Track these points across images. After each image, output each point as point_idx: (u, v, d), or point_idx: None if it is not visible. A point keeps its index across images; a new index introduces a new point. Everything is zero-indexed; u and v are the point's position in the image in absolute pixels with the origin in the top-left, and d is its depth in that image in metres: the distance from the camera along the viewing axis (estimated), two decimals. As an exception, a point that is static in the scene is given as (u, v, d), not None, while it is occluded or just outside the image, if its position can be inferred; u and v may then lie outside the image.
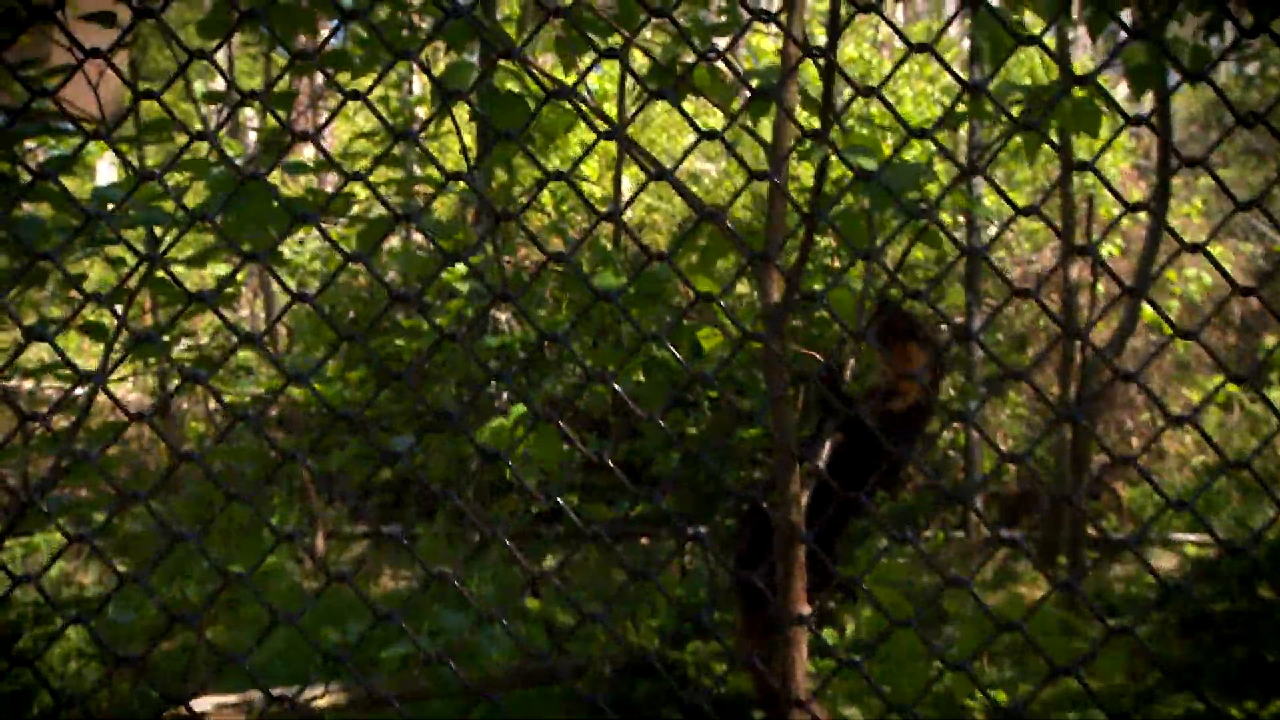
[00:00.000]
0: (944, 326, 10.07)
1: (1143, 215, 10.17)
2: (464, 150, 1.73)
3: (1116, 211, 10.09)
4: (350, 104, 1.38)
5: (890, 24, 1.48)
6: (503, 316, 8.07)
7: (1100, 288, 9.89)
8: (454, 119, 1.80)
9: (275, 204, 2.71)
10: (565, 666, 4.86)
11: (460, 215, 8.40)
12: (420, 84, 9.60)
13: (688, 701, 1.41)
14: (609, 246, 9.55)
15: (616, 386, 1.53)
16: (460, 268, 5.23)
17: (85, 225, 1.43)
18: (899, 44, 13.28)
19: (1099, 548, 8.37)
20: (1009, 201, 1.45)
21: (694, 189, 10.78)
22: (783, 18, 2.69)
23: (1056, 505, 7.88)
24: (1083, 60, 11.95)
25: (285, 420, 8.63)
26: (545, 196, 9.69)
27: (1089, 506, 8.94)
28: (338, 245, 1.53)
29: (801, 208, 1.94)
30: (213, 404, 9.00)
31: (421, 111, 7.19)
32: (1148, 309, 9.73)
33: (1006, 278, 1.53)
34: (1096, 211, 9.37)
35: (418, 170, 6.80)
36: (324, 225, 3.94)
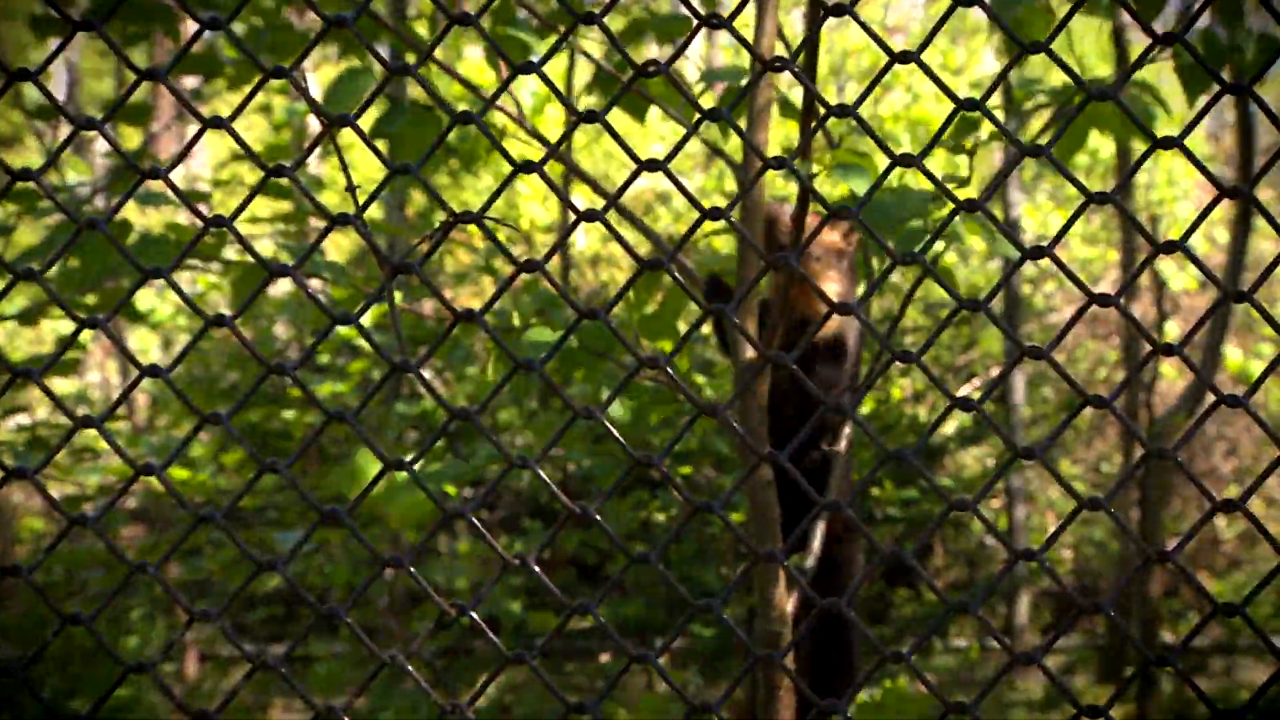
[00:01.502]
0: (976, 382, 10.18)
1: (1220, 238, 10.33)
2: (351, 190, 1.76)
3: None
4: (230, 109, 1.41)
5: (865, 27, 1.55)
6: (426, 374, 8.10)
7: (1171, 327, 10.02)
8: (338, 150, 1.82)
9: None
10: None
11: (365, 251, 8.45)
12: (318, 82, 9.69)
13: None
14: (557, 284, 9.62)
15: (541, 473, 1.58)
16: (368, 318, 5.28)
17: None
18: (917, 27, 13.49)
19: (1177, 656, 8.44)
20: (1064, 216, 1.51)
21: (662, 214, 10.88)
22: (742, 20, 2.77)
23: (1124, 596, 7.93)
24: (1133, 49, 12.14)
25: (146, 513, 8.62)
26: (473, 225, 9.75)
27: (1163, 605, 9.01)
28: (195, 306, 1.58)
29: (763, 252, 2.04)
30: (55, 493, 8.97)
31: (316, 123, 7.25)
32: (1230, 357, 9.85)
33: (1018, 340, 1.60)
34: (1161, 233, 9.51)
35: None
36: (194, 264, 3.98)
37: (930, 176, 1.54)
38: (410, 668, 1.56)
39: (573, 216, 1.72)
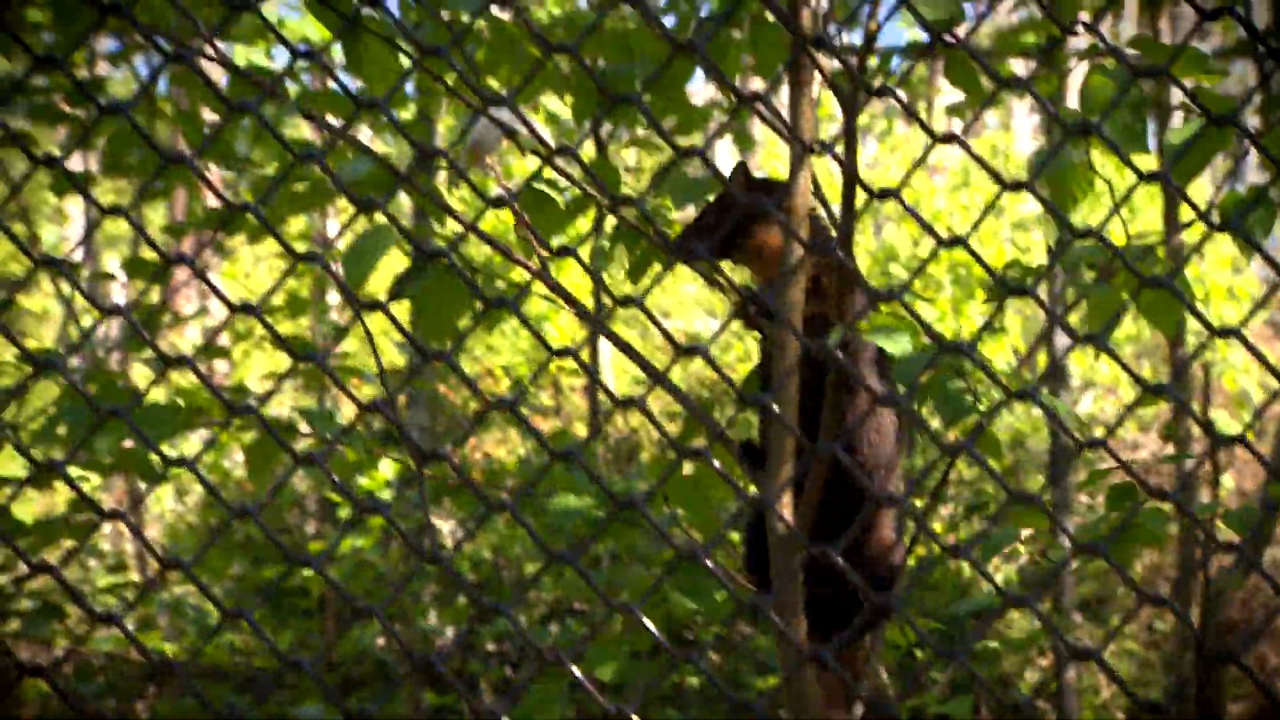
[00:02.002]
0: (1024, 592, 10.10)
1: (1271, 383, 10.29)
2: (383, 376, 1.76)
3: (1242, 380, 10.23)
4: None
5: (906, 107, 1.57)
6: (444, 527, 8.10)
7: (1228, 481, 9.96)
8: (369, 334, 1.83)
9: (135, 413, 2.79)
10: None
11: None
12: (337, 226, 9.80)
13: None
14: (582, 432, 9.64)
15: (576, 670, 1.57)
16: (383, 474, 5.29)
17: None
18: (956, 163, 13.56)
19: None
20: (1132, 375, 1.51)
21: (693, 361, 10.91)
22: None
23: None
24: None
25: (155, 673, 8.58)
26: (519, 363, 9.82)
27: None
28: (217, 494, 1.58)
29: (798, 435, 2.05)
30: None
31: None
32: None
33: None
34: (1216, 381, 9.50)
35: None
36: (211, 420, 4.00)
37: (968, 354, 1.54)
38: None
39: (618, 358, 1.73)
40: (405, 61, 2.70)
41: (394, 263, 3.31)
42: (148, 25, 3.03)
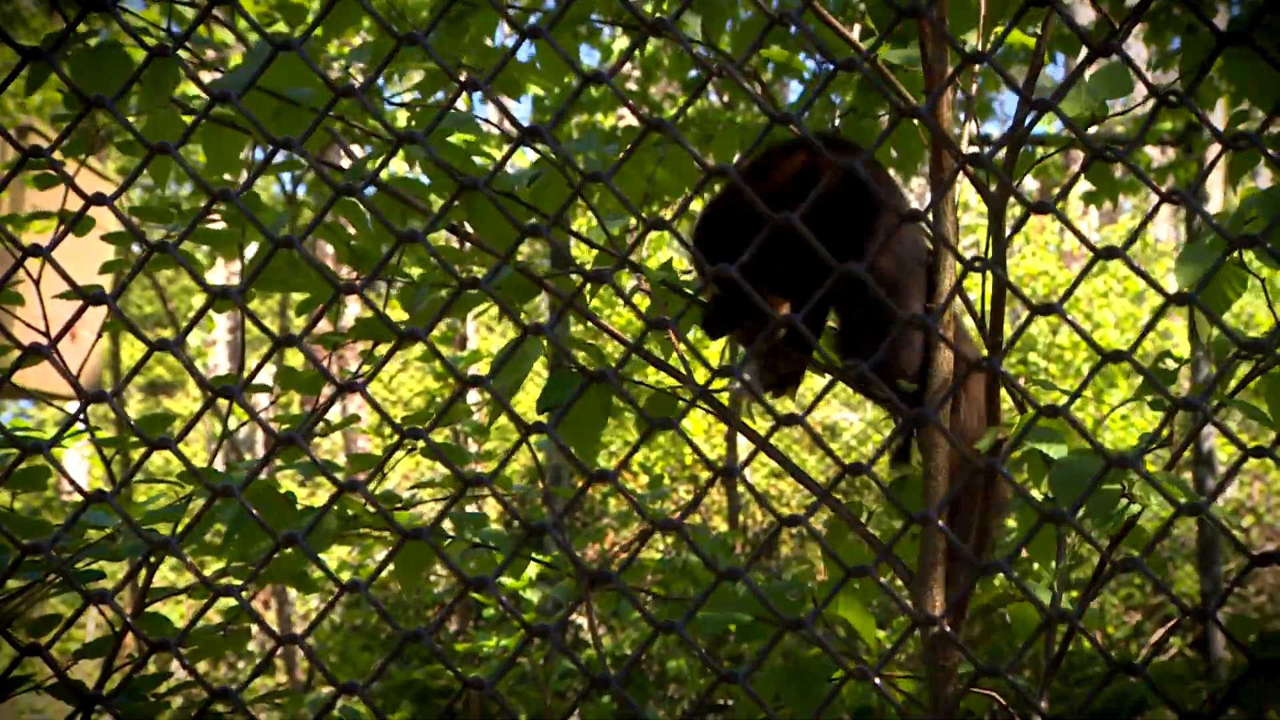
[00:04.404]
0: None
1: None
2: (548, 498, 1.74)
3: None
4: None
5: (1066, 222, 1.56)
6: (583, 622, 8.10)
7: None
8: (529, 443, 1.85)
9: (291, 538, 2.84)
10: None
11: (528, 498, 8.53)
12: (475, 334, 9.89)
13: None
14: (724, 531, 9.59)
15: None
16: (530, 571, 5.31)
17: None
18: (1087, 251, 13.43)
19: None
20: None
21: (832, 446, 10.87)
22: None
23: None
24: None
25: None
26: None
27: None
28: (390, 617, 1.61)
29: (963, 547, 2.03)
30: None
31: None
32: None
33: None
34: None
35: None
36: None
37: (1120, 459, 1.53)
38: None
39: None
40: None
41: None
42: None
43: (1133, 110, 3.01)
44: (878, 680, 1.56)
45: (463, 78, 1.52)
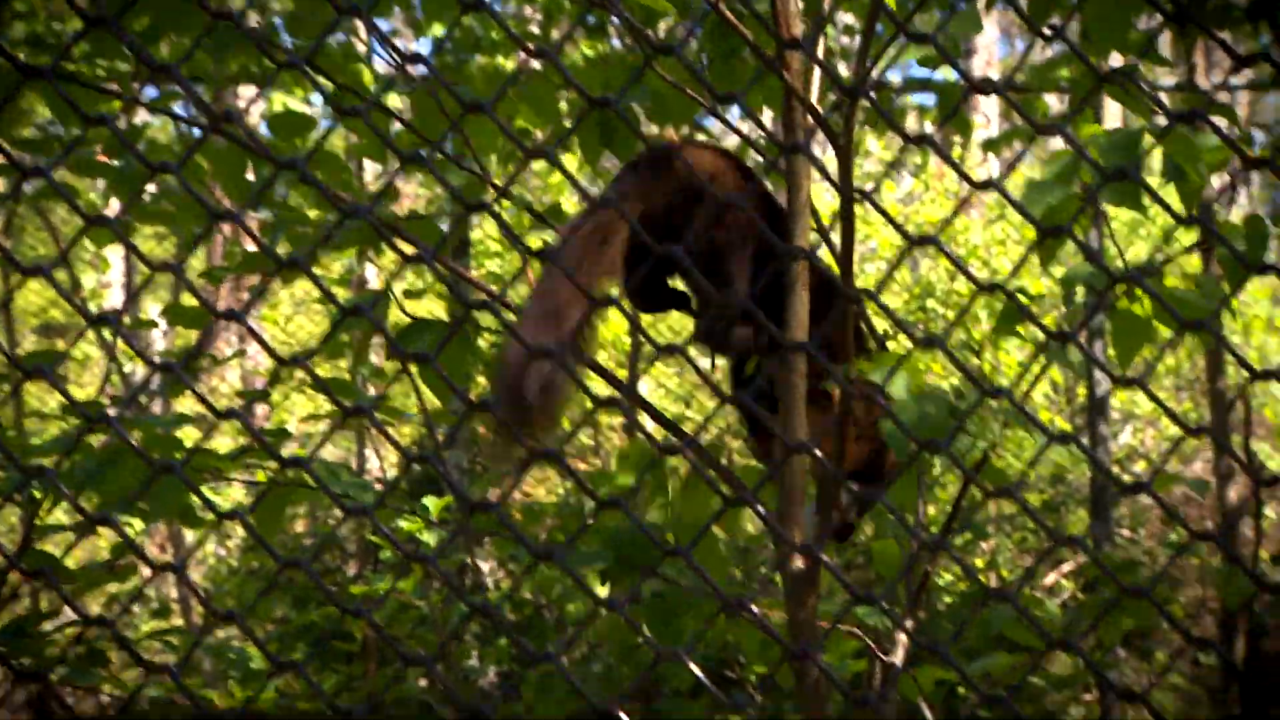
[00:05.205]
0: (1065, 569, 10.07)
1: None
2: (430, 427, 1.73)
3: (1284, 413, 10.18)
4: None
5: (942, 153, 1.58)
6: (485, 566, 8.10)
7: (1271, 512, 9.90)
8: (412, 378, 1.85)
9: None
10: None
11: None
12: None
13: None
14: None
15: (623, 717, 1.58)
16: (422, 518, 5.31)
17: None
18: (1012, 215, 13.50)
19: None
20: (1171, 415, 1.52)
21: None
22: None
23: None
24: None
25: None
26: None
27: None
28: (265, 542, 1.61)
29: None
30: None
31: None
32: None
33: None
34: (1257, 414, 9.45)
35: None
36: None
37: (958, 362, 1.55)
38: None
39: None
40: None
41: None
42: (189, 79, 3.08)
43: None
44: (755, 608, 1.59)
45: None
